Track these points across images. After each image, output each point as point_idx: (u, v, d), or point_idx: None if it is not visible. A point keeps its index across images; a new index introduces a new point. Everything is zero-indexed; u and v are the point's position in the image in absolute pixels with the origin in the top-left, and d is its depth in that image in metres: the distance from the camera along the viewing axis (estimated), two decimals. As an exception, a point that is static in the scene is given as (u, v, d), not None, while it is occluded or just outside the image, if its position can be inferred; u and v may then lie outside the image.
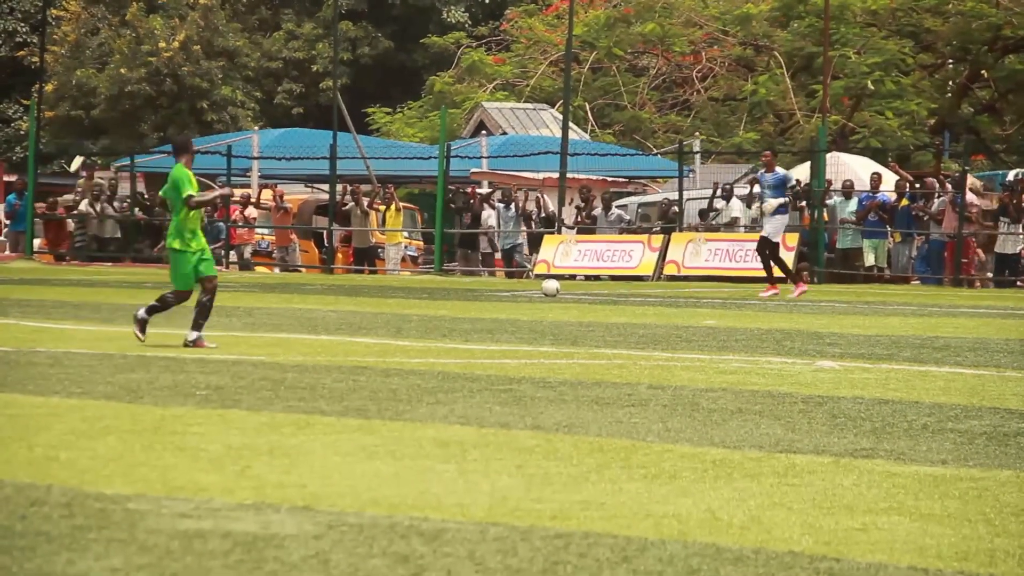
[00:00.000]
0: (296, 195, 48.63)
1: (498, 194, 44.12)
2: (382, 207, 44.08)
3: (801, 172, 43.11)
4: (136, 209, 46.73)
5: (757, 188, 32.89)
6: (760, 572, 6.54)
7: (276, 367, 14.71)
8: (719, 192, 41.91)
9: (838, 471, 9.12)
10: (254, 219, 45.20)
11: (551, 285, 31.21)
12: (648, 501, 8.11)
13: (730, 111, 59.19)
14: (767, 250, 30.65)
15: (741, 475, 8.94)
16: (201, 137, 59.32)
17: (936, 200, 39.30)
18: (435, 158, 44.07)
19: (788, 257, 37.96)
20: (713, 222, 41.38)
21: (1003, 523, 7.63)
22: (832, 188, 40.09)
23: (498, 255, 43.92)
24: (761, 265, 31.13)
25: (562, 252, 36.53)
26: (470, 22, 71.68)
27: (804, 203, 40.14)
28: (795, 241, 38.60)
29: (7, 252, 46.15)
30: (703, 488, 8.52)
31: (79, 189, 47.99)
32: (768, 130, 57.98)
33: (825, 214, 39.69)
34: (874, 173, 42.43)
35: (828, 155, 41.43)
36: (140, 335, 16.64)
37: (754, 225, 40.90)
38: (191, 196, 16.61)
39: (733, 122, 58.32)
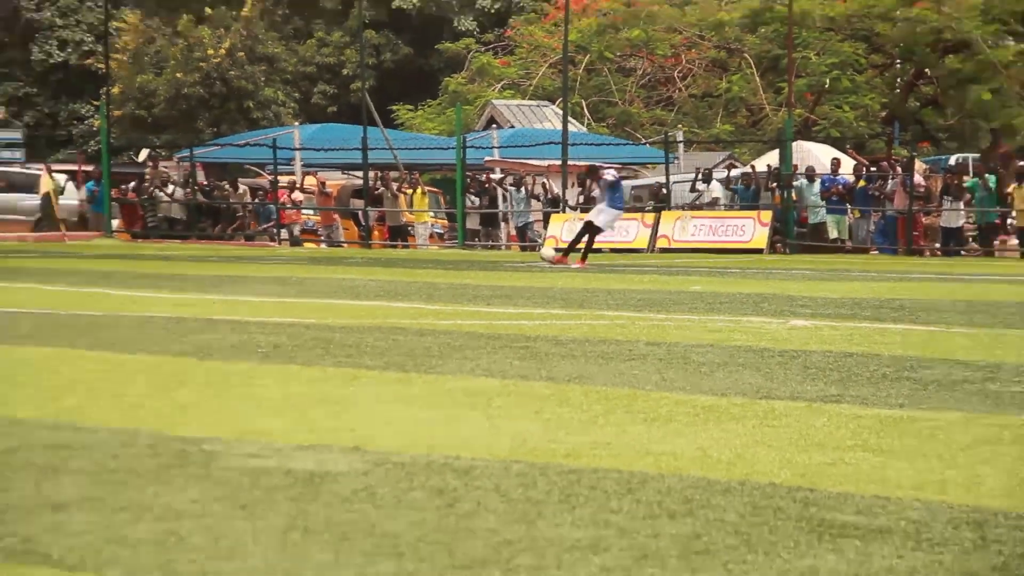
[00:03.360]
0: (335, 181, 48.59)
1: (510, 179, 44.16)
2: (409, 191, 44.10)
3: (771, 159, 43.16)
4: (198, 194, 46.76)
5: (596, 191, 31.80)
6: (745, 501, 6.55)
7: (325, 328, 14.73)
8: (700, 176, 42.01)
9: (810, 414, 9.13)
10: (300, 202, 45.18)
11: (548, 252, 31.42)
12: (648, 441, 8.14)
13: (708, 106, 59.16)
14: (590, 232, 30.23)
15: (727, 418, 8.96)
16: (249, 132, 59.36)
17: (889, 181, 39.29)
18: (453, 148, 44.08)
19: (763, 233, 38.03)
20: (696, 202, 41.41)
21: (952, 457, 7.65)
22: (798, 172, 40.07)
23: (513, 231, 43.98)
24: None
25: (568, 228, 36.45)
26: (478, 30, 71.45)
27: (775, 185, 40.14)
28: (769, 218, 38.59)
29: (90, 232, 46.13)
30: (695, 430, 8.54)
31: (148, 177, 48.00)
32: (741, 122, 58.01)
33: (793, 195, 39.65)
34: (834, 159, 42.52)
35: (794, 144, 41.44)
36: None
37: (732, 204, 40.93)
38: None
39: (711, 115, 58.33)
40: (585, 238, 30.00)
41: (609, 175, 30.86)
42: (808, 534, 5.95)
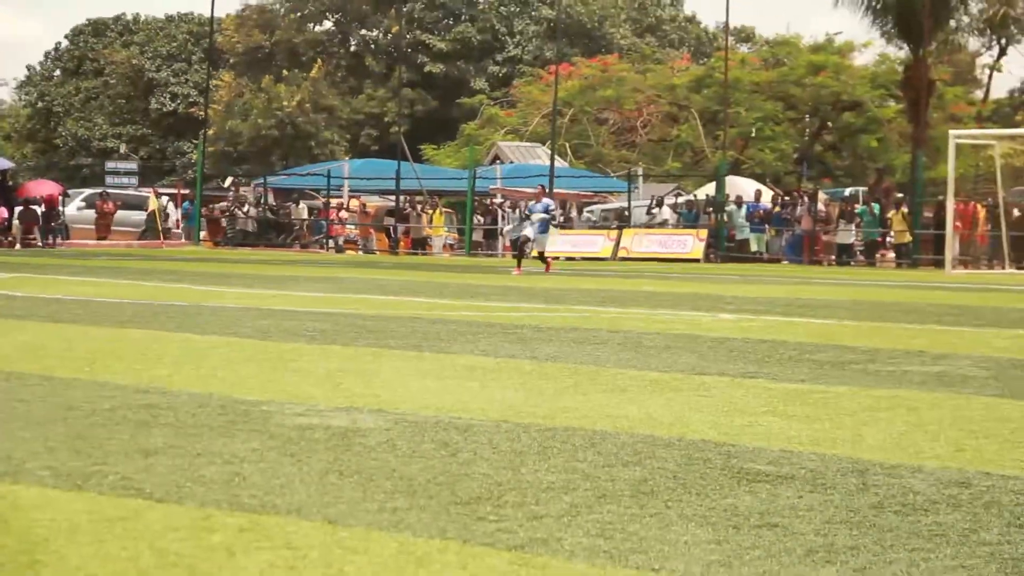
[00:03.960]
0: (374, 202, 48.62)
1: (508, 203, 44.13)
2: (430, 211, 44.12)
3: (709, 189, 43.16)
4: (267, 212, 46.75)
5: (531, 214, 30.50)
6: (682, 454, 6.51)
7: (360, 316, 14.70)
8: (654, 202, 42.02)
9: (733, 387, 9.09)
10: (345, 219, 45.19)
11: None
12: (607, 406, 8.09)
13: (662, 148, 59.27)
14: (525, 247, 29.89)
15: (669, 390, 8.91)
16: (310, 164, 59.43)
17: (798, 207, 39.29)
18: (465, 179, 44.08)
19: (700, 246, 38.00)
20: (651, 222, 41.40)
21: (840, 420, 7.62)
22: (729, 200, 40.06)
23: (507, 243, 43.97)
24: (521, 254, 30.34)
25: (551, 241, 36.51)
26: (489, 88, 71.52)
27: (711, 209, 40.16)
28: (705, 235, 38.59)
29: (183, 240, 46.10)
30: (644, 398, 8.50)
31: (230, 197, 48.01)
32: (687, 161, 58.06)
33: (725, 217, 39.64)
34: (757, 190, 42.59)
35: (727, 178, 41.45)
36: None
37: (677, 224, 40.89)
38: None
39: (664, 155, 58.43)
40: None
41: (545, 200, 30.60)
42: (730, 479, 5.91)
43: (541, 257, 29.98)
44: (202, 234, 46.17)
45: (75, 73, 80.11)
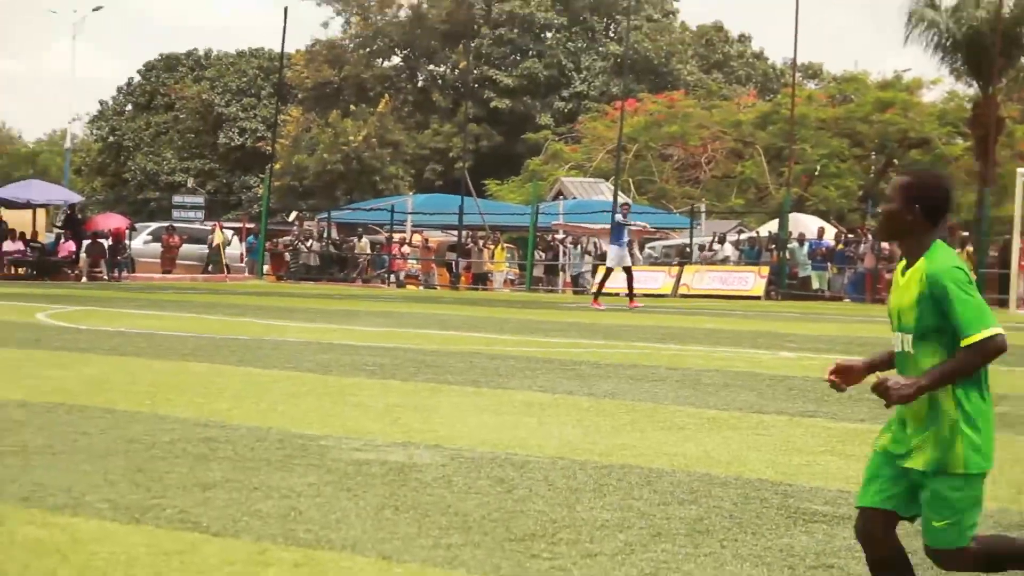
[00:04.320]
0: (436, 237, 48.77)
1: (569, 238, 44.15)
2: (492, 246, 44.20)
3: (772, 226, 43.00)
4: (330, 246, 47.04)
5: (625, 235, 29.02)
6: (739, 492, 6.49)
7: (419, 351, 14.72)
8: (716, 238, 41.92)
9: (792, 426, 9.05)
10: (407, 254, 45.36)
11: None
12: (664, 444, 8.07)
13: (726, 185, 59.09)
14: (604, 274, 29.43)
15: (727, 428, 8.88)
16: (374, 199, 59.75)
17: (861, 245, 39.03)
18: (528, 215, 44.10)
19: (761, 284, 37.85)
20: (712, 258, 41.29)
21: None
22: (792, 237, 39.86)
23: (568, 279, 43.97)
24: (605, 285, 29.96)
25: (611, 277, 36.44)
26: (554, 124, 71.68)
27: (774, 246, 39.99)
28: (767, 272, 38.44)
29: (246, 274, 46.46)
30: (701, 436, 8.47)
31: (294, 232, 48.37)
32: (750, 198, 57.90)
33: (787, 254, 39.45)
34: (820, 227, 42.30)
35: (790, 215, 41.25)
36: None
37: (739, 261, 40.76)
38: None
39: (728, 192, 58.23)
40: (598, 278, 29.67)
41: (617, 216, 30.15)
42: (787, 519, 5.89)
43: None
44: (265, 268, 46.47)
45: (146, 108, 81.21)
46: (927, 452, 4.17)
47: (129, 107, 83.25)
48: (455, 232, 46.34)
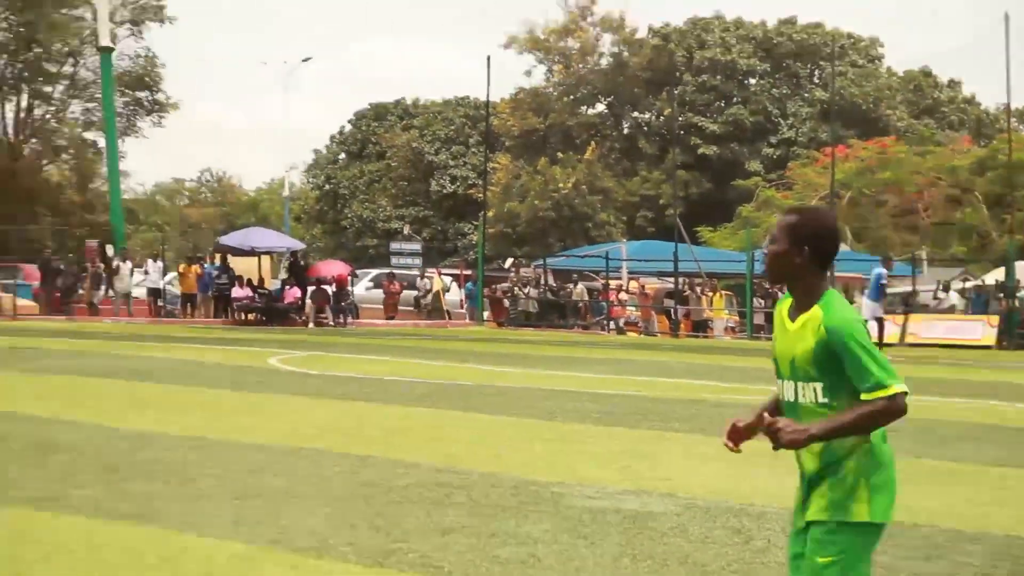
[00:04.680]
0: (652, 284, 48.67)
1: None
2: (710, 293, 43.97)
3: (998, 274, 41.80)
4: (548, 293, 47.37)
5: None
6: (986, 549, 6.25)
7: (643, 399, 14.64)
8: (941, 286, 40.92)
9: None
10: (625, 300, 45.38)
11: None
12: (901, 496, 7.84)
13: (946, 231, 57.71)
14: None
15: (968, 481, 8.57)
16: (587, 245, 60.06)
17: (1097, 292, 37.61)
18: (743, 261, 43.74)
19: (991, 333, 36.76)
20: (938, 306, 40.32)
21: None
22: (1020, 285, 38.66)
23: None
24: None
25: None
26: (764, 170, 71.03)
27: (1001, 295, 38.86)
28: (996, 321, 37.38)
29: (467, 320, 47.05)
30: (940, 489, 8.18)
31: (512, 278, 48.89)
32: (973, 245, 56.44)
33: (1016, 303, 38.25)
34: (1049, 273, 41.03)
35: (1017, 263, 40.03)
36: None
37: (966, 309, 39.69)
38: None
39: (947, 239, 56.91)
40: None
41: (880, 270, 30.06)
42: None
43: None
44: (485, 314, 47.01)
45: (358, 156, 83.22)
46: (824, 500, 3.96)
47: (343, 156, 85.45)
48: (670, 279, 46.24)
